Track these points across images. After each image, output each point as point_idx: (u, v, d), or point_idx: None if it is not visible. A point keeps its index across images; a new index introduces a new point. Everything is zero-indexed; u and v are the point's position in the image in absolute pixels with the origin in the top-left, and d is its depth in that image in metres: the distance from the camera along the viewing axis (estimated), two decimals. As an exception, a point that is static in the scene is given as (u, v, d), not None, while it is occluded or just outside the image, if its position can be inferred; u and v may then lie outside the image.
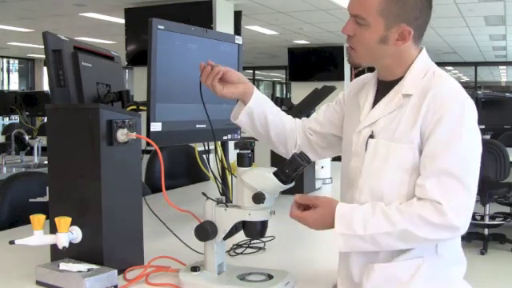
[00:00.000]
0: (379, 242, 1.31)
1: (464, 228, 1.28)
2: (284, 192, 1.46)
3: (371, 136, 1.39)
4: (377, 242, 1.31)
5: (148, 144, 1.62)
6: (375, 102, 1.45)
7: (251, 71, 20.12)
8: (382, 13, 1.35)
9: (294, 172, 1.42)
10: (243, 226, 1.50)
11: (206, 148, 1.72)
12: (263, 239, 1.84)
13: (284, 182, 1.42)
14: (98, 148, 1.53)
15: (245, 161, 1.48)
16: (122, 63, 2.11)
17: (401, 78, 1.41)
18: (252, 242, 1.88)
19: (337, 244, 1.35)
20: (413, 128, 1.32)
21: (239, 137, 2.15)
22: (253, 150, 1.51)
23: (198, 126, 1.97)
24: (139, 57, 7.12)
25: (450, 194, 1.26)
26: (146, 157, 2.72)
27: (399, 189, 1.34)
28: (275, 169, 1.44)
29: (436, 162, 1.28)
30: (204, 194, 1.52)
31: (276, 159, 2.74)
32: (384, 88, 1.44)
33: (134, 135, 1.60)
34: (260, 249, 1.86)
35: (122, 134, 1.57)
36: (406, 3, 1.35)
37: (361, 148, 1.41)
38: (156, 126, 1.86)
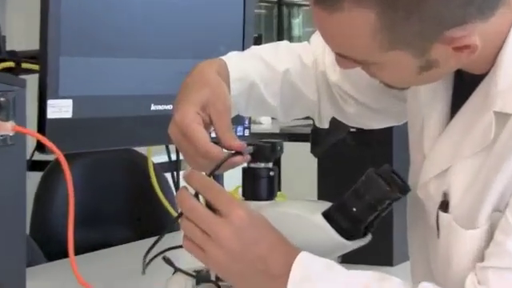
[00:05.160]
0: None
1: None
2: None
3: (444, 204, 0.91)
4: None
5: (41, 148, 1.00)
6: (454, 107, 0.92)
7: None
8: (394, 45, 0.79)
9: (370, 210, 0.80)
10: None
11: (172, 156, 0.95)
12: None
13: (348, 235, 0.81)
14: None
15: (262, 186, 0.88)
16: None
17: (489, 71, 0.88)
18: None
19: None
20: (497, 193, 0.84)
21: (248, 130, 1.22)
22: (278, 164, 0.94)
23: (153, 107, 1.20)
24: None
25: None
26: (37, 176, 1.56)
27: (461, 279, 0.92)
28: (328, 204, 0.82)
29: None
30: (166, 259, 0.84)
31: (326, 184, 1.29)
32: (464, 86, 0.92)
33: (10, 127, 0.97)
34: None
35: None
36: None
37: (430, 218, 0.95)
38: (60, 108, 1.12)
